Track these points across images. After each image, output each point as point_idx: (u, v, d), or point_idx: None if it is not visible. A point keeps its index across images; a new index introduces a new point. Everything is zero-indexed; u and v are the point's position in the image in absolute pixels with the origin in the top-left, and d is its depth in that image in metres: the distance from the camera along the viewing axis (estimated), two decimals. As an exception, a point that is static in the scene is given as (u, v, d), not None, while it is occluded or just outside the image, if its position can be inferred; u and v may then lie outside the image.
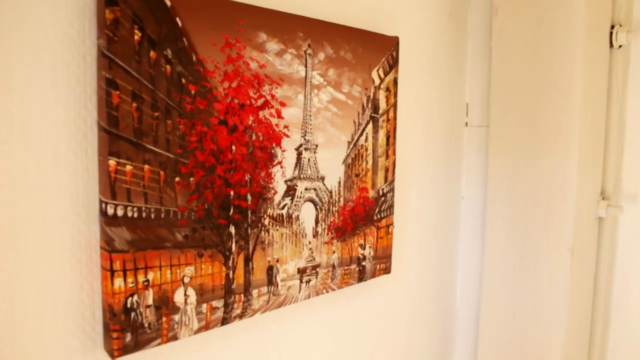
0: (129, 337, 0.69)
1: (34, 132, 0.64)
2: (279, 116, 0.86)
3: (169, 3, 0.70)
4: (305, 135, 0.91)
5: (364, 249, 1.05)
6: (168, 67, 0.71)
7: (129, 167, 0.67)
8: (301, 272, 0.93)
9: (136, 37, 0.67)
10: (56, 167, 0.66)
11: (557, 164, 1.17)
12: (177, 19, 0.71)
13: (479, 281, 1.38)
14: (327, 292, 0.99)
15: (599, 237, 1.29)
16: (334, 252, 0.99)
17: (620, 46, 1.23)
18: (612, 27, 1.22)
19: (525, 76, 1.22)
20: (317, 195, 0.95)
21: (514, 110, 1.25)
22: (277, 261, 0.88)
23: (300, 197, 0.92)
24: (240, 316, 0.83)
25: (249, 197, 0.82)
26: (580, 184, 1.15)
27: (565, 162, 1.15)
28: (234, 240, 0.81)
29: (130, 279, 0.68)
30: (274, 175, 0.86)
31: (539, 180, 1.20)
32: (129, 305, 0.69)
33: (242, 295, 0.83)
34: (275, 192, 0.87)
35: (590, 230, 1.25)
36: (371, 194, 1.05)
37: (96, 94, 0.67)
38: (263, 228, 0.85)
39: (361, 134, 1.02)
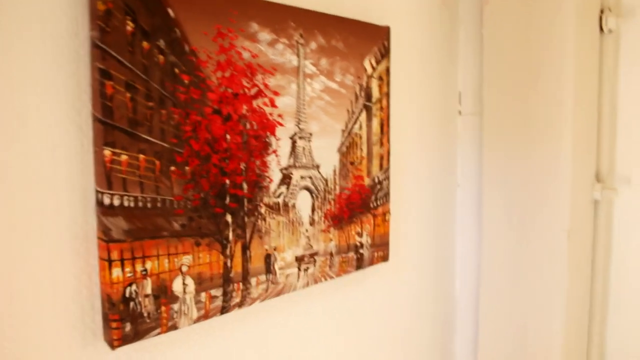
0: (128, 326, 0.69)
1: (29, 126, 0.64)
2: (273, 105, 0.86)
3: (160, -6, 0.70)
4: (300, 123, 0.91)
5: (361, 236, 1.06)
6: (161, 57, 0.71)
7: (124, 157, 0.68)
8: (299, 260, 0.93)
9: (129, 28, 0.67)
10: (52, 160, 0.66)
11: (551, 149, 1.17)
12: (169, 10, 0.72)
13: (477, 267, 1.39)
14: (326, 280, 0.99)
15: (595, 220, 1.29)
16: (331, 239, 0.99)
17: (610, 31, 1.23)
18: (602, 12, 1.23)
19: (517, 63, 1.23)
20: (312, 183, 0.95)
21: (507, 97, 1.25)
22: (274, 249, 0.88)
23: (296, 186, 0.92)
24: (240, 305, 0.83)
25: (244, 185, 0.83)
26: (575, 167, 1.16)
27: (559, 146, 1.16)
28: (230, 228, 0.81)
29: (128, 269, 0.69)
30: (269, 164, 0.87)
31: (535, 165, 1.21)
32: (127, 295, 0.69)
33: (241, 283, 0.83)
34: (271, 181, 0.87)
35: (586, 213, 1.25)
36: (367, 182, 1.06)
37: (90, 86, 0.68)
38: (260, 216, 0.86)
39: (355, 122, 1.02)
